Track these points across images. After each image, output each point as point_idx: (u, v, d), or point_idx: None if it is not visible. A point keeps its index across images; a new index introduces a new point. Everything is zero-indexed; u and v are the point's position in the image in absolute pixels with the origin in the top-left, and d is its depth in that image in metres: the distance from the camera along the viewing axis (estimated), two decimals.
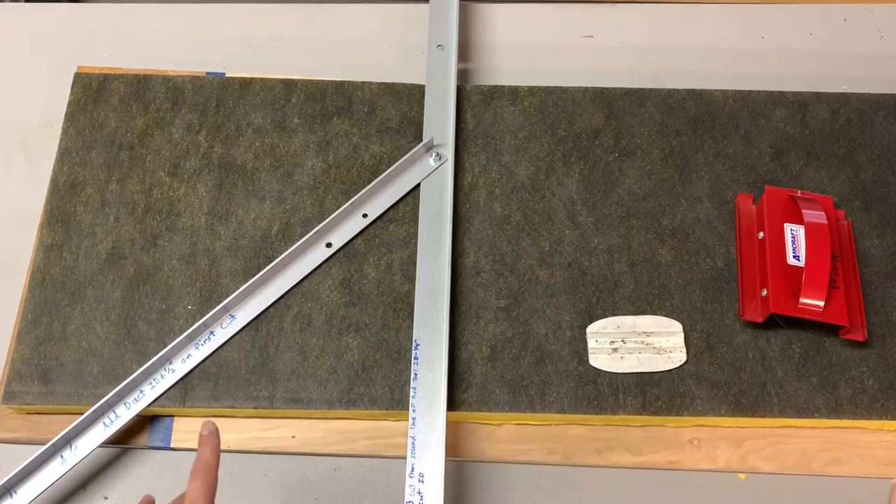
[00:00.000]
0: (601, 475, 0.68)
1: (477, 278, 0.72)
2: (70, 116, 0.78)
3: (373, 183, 0.74)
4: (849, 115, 0.80)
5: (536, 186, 0.76)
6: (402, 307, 0.71)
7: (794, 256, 0.70)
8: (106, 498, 0.66)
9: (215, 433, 0.56)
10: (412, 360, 0.67)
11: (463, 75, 0.87)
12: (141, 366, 0.66)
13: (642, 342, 0.70)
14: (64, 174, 0.75)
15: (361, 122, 0.79)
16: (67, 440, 0.64)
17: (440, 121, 0.78)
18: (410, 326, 0.69)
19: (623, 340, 0.70)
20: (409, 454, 0.63)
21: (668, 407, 0.67)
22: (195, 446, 0.67)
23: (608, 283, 0.72)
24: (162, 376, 0.67)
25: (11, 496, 0.63)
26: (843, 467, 0.68)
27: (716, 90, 0.81)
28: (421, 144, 0.76)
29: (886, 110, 0.81)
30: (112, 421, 0.65)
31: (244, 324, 0.69)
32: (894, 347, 0.70)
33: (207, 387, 0.67)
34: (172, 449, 0.68)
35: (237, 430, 0.68)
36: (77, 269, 0.71)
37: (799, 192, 0.74)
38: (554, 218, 0.75)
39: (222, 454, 0.68)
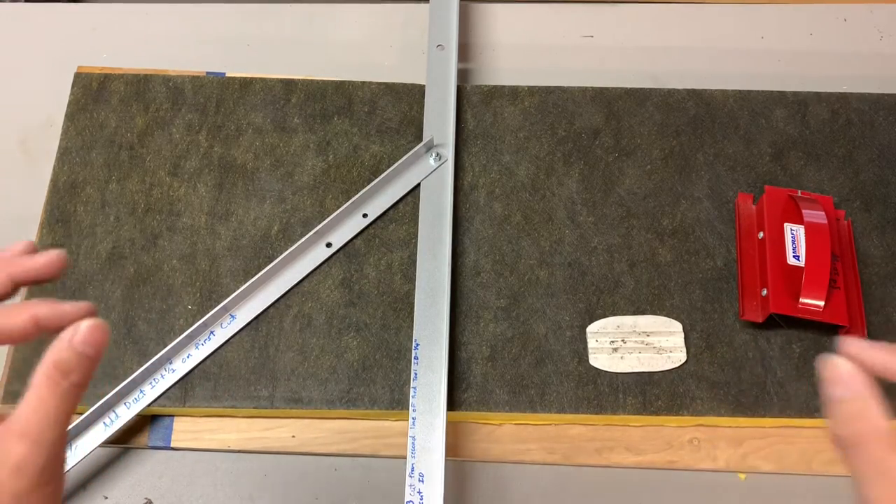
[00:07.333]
0: (601, 475, 0.68)
1: (477, 278, 0.72)
2: (70, 116, 0.78)
3: (373, 183, 0.74)
4: (849, 115, 0.80)
5: (536, 186, 0.76)
6: (402, 307, 0.71)
7: (794, 256, 0.70)
8: (106, 498, 0.66)
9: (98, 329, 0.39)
10: (412, 360, 0.67)
11: (463, 75, 0.87)
12: (141, 366, 0.66)
13: (642, 342, 0.70)
14: (64, 174, 0.75)
15: (361, 122, 0.79)
16: (67, 440, 0.64)
17: (440, 121, 0.78)
18: (410, 326, 0.69)
19: (623, 340, 0.70)
20: (409, 454, 0.63)
21: (668, 407, 0.67)
22: (195, 446, 0.68)
23: (608, 283, 0.72)
24: (162, 376, 0.67)
25: None
26: (843, 467, 0.67)
27: (716, 90, 0.81)
28: (421, 144, 0.76)
29: (886, 110, 0.81)
30: (112, 421, 0.65)
31: (244, 324, 0.69)
32: None
33: (207, 386, 0.67)
34: (172, 449, 0.68)
35: (237, 430, 0.68)
36: (77, 269, 0.71)
37: (799, 192, 0.74)
38: (554, 218, 0.75)
39: (222, 454, 0.68)
